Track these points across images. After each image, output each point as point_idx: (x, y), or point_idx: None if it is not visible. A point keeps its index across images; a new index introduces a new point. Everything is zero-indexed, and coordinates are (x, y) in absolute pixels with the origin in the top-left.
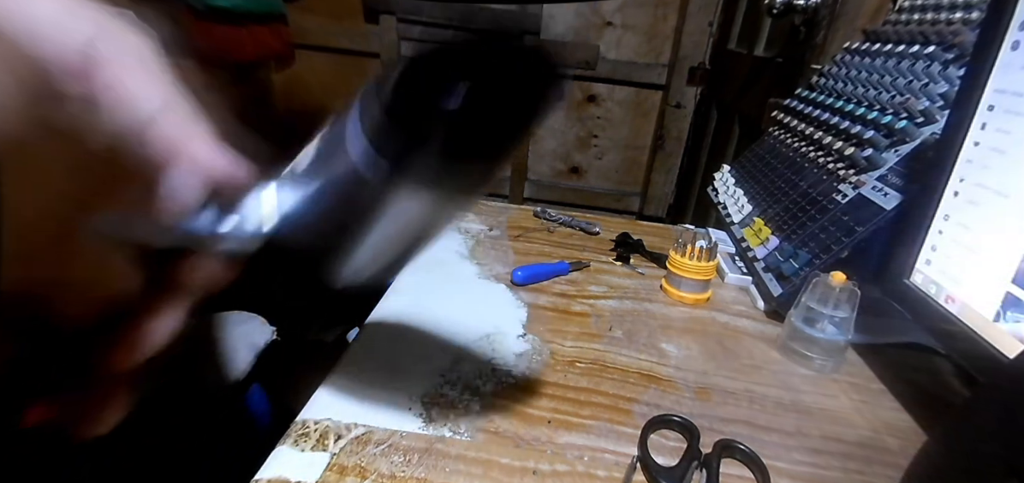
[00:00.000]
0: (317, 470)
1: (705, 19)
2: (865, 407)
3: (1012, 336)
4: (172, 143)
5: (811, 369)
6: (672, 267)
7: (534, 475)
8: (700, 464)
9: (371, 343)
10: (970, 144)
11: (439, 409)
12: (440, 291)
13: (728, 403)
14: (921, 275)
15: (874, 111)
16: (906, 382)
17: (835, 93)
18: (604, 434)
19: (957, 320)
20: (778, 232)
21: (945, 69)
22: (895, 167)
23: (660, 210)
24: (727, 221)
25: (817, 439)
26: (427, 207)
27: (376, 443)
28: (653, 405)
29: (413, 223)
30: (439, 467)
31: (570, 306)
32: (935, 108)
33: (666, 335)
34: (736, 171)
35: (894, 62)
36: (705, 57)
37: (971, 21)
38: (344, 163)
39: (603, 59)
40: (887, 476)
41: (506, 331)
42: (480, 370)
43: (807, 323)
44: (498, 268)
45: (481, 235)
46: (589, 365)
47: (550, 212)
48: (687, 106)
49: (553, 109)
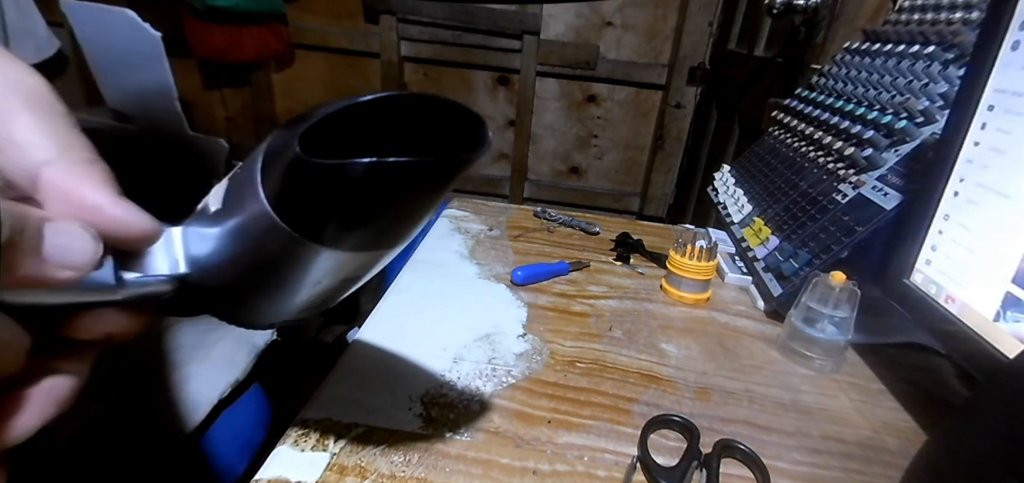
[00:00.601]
0: (317, 470)
1: (705, 19)
2: (865, 407)
3: (1012, 336)
4: (65, 192)
5: (811, 369)
6: (672, 267)
7: (534, 475)
8: (700, 464)
9: (371, 343)
10: (970, 144)
11: (439, 409)
12: (440, 291)
13: (728, 403)
14: (921, 275)
15: (874, 111)
16: (906, 382)
17: (835, 93)
18: (604, 434)
19: (957, 320)
20: (778, 232)
21: (945, 69)
22: (895, 167)
23: (660, 210)
24: (727, 221)
25: (817, 439)
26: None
27: (376, 443)
28: (653, 405)
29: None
30: (439, 467)
31: (570, 306)
32: (935, 108)
33: (666, 335)
34: (736, 171)
35: (894, 62)
36: (705, 57)
37: (971, 21)
38: (250, 211)
39: (603, 59)
40: (887, 476)
41: (506, 331)
42: (480, 370)
43: (807, 323)
44: (498, 268)
45: (481, 235)
46: (589, 365)
47: (550, 212)
48: (687, 106)
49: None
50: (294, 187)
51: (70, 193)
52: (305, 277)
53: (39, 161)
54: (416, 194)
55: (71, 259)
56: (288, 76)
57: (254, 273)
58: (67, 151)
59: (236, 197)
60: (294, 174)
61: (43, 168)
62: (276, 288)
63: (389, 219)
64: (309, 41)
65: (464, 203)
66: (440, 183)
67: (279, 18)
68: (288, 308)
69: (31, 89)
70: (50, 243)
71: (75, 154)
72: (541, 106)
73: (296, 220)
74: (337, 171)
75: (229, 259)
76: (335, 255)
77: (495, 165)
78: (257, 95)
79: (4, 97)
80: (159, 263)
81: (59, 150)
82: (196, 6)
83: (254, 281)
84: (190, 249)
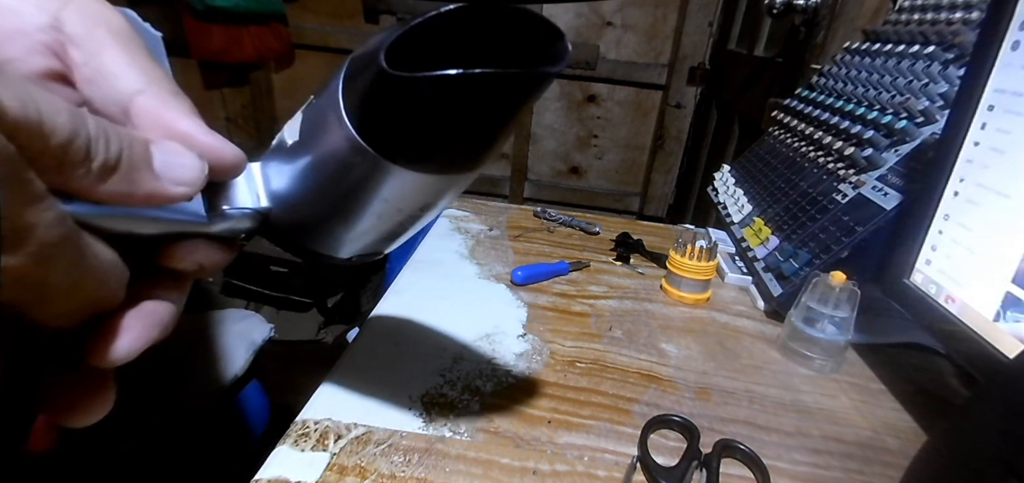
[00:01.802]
0: (317, 470)
1: (705, 19)
2: (865, 407)
3: (1012, 336)
4: (157, 119)
5: (811, 369)
6: (672, 267)
7: (534, 475)
8: (700, 464)
9: (371, 343)
10: (970, 144)
11: (439, 409)
12: (440, 291)
13: (728, 403)
14: (921, 275)
15: (874, 111)
16: (906, 382)
17: (835, 93)
18: (604, 434)
19: (957, 320)
20: (778, 232)
21: (945, 69)
22: (895, 167)
23: (660, 210)
24: (727, 221)
25: (817, 439)
26: (421, 183)
27: (376, 443)
28: (653, 405)
29: (408, 198)
30: (439, 467)
31: (570, 306)
32: (935, 108)
33: (666, 335)
34: (736, 171)
35: (894, 62)
36: (705, 57)
37: (971, 21)
38: (331, 138)
39: (603, 59)
40: (887, 476)
41: (506, 331)
42: (480, 370)
43: (807, 323)
44: (498, 268)
45: (481, 235)
46: (589, 365)
47: (550, 212)
48: (687, 106)
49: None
50: (379, 105)
51: (162, 120)
52: (386, 202)
53: (131, 90)
54: (501, 108)
55: (182, 176)
56: (288, 76)
57: (335, 201)
58: (156, 82)
59: (314, 126)
60: (380, 91)
61: (135, 97)
62: (356, 215)
63: (472, 135)
64: (309, 41)
65: (464, 203)
66: (524, 96)
67: (279, 18)
68: (366, 239)
69: (115, 23)
70: (160, 161)
71: (164, 85)
72: (541, 106)
73: (380, 140)
74: (426, 84)
75: (310, 189)
76: (417, 177)
77: (495, 165)
78: (257, 95)
79: (90, 30)
80: (242, 196)
81: (148, 81)
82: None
83: (334, 209)
84: (270, 184)
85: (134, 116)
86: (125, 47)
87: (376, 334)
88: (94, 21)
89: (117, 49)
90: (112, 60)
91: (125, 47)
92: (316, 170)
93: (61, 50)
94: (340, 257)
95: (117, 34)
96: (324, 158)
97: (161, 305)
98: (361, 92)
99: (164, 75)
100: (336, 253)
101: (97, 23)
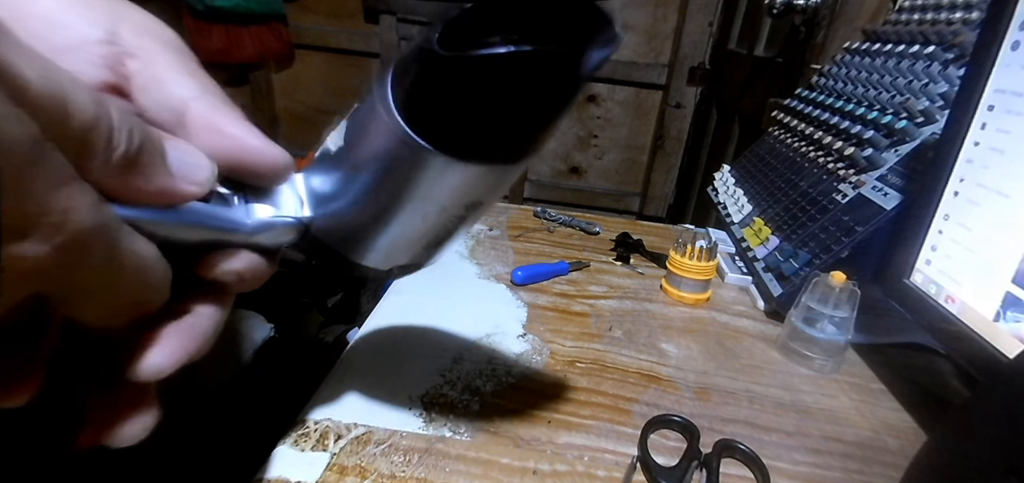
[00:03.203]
0: (317, 470)
1: (705, 19)
2: (865, 407)
3: (1012, 336)
4: (211, 124)
5: (811, 369)
6: (672, 267)
7: (534, 475)
8: (700, 464)
9: (371, 343)
10: (970, 144)
11: (439, 409)
12: (440, 291)
13: (728, 403)
14: (921, 275)
15: (874, 111)
16: (906, 382)
17: (835, 93)
18: (604, 434)
19: (957, 320)
20: (778, 232)
21: (945, 69)
22: (895, 167)
23: (660, 210)
24: (727, 221)
25: (817, 439)
26: (469, 176)
27: (376, 443)
28: (653, 405)
29: (456, 195)
30: (439, 467)
31: (570, 306)
32: (935, 108)
33: (666, 335)
34: (736, 171)
35: (894, 62)
36: (705, 57)
37: (971, 21)
38: (379, 134)
39: None
40: (887, 476)
41: (506, 331)
42: (480, 370)
43: (807, 323)
44: (498, 268)
45: (481, 235)
46: (589, 365)
47: (550, 212)
48: (687, 106)
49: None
50: (430, 91)
51: (216, 125)
52: (432, 200)
53: (187, 97)
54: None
55: (193, 174)
56: (288, 76)
57: (380, 202)
58: (209, 90)
59: (361, 126)
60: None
61: (190, 102)
62: (400, 218)
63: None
64: (309, 41)
65: None
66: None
67: (279, 18)
68: (408, 246)
69: (166, 36)
70: (174, 158)
71: (216, 92)
72: None
73: (430, 130)
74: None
75: (355, 192)
76: (465, 170)
77: None
78: (257, 95)
79: (142, 40)
80: (286, 205)
81: (202, 88)
82: (196, 6)
83: (379, 212)
84: (313, 193)
85: (189, 120)
86: (178, 57)
87: (376, 334)
88: (147, 33)
89: (170, 58)
90: (166, 69)
91: (178, 57)
92: (362, 171)
93: (117, 62)
94: (380, 269)
95: (168, 45)
96: (371, 156)
97: (201, 318)
98: (412, 81)
99: (215, 83)
100: (377, 264)
101: (151, 35)
